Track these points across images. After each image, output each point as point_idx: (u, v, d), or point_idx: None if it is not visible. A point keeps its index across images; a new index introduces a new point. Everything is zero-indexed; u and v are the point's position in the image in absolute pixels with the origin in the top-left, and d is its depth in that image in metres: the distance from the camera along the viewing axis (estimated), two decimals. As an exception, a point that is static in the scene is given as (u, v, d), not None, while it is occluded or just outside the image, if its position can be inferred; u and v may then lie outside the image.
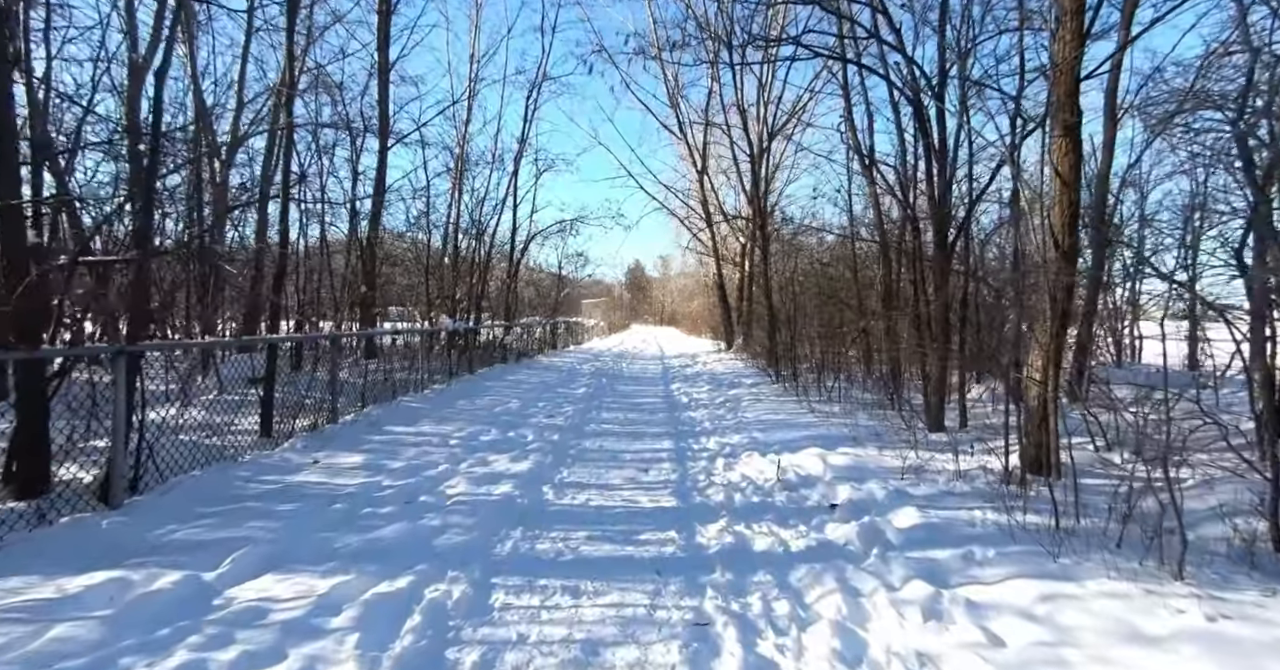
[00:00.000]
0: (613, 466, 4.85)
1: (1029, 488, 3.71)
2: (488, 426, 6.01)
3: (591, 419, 7.01)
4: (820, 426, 6.05)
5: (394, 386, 6.70)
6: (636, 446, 5.63)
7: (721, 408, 7.80)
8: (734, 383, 10.16)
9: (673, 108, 17.71)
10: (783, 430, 5.97)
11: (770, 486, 4.21)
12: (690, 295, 43.81)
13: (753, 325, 16.28)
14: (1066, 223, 4.04)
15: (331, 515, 3.18)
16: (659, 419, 7.14)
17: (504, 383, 9.39)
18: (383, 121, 10.49)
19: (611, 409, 7.82)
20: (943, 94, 5.49)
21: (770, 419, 6.62)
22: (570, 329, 21.18)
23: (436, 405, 6.95)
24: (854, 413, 6.72)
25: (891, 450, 4.91)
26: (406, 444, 5.00)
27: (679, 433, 6.32)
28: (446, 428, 5.76)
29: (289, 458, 4.22)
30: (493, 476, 4.24)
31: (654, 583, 2.68)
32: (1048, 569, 2.45)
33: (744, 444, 5.52)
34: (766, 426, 6.25)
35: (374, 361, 9.12)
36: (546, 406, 7.61)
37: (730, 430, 6.29)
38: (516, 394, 8.47)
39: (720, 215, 17.99)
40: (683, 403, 8.54)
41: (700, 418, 7.23)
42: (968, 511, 3.28)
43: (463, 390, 8.25)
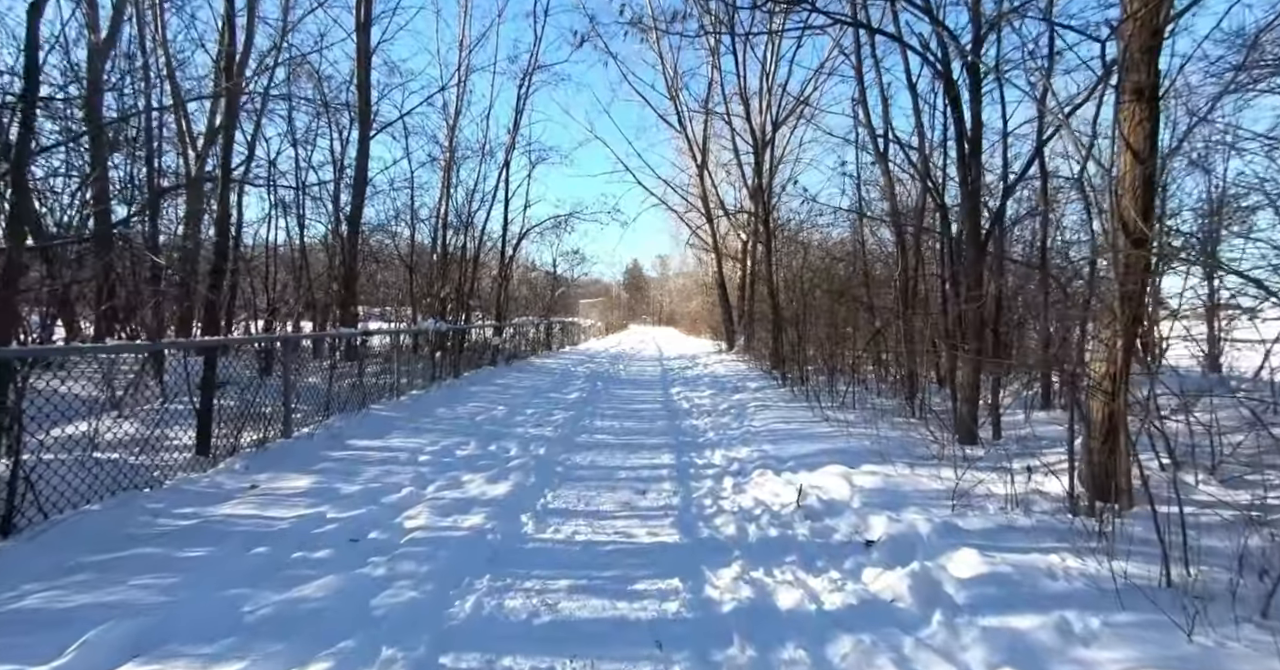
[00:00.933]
0: (605, 487, 4.21)
1: (1103, 520, 3.08)
2: (467, 438, 5.37)
3: (584, 428, 6.38)
4: (838, 438, 5.43)
5: (364, 393, 6.06)
6: (633, 461, 5.00)
7: (726, 415, 7.17)
8: (737, 386, 9.54)
9: (671, 99, 17.10)
10: (796, 442, 5.34)
11: (789, 515, 3.58)
12: (689, 295, 43.25)
13: (754, 325, 15.67)
14: (1140, 204, 3.41)
15: (249, 563, 2.54)
16: (658, 428, 6.51)
17: (491, 387, 8.75)
18: (363, 108, 9.84)
19: (606, 416, 7.19)
20: (977, 64, 4.86)
21: (781, 429, 5.99)
22: (565, 329, 20.54)
23: (412, 414, 6.31)
24: (873, 421, 6.10)
25: (925, 468, 4.29)
26: (369, 461, 4.36)
27: (680, 445, 5.69)
28: (419, 440, 5.12)
29: (221, 482, 3.58)
30: (463, 503, 3.60)
31: (653, 662, 2.05)
32: (1184, 653, 1.83)
33: (754, 459, 4.89)
34: (777, 437, 5.62)
35: (353, 364, 8.48)
36: (535, 414, 6.97)
37: (737, 442, 5.66)
38: (503, 400, 7.83)
39: (721, 211, 17.37)
40: (683, 409, 7.91)
41: (703, 427, 6.60)
42: (1042, 555, 2.65)
43: (444, 396, 7.61)
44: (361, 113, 9.66)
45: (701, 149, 17.45)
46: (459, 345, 11.10)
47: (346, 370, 7.31)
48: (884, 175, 8.18)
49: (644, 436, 6.05)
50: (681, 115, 17.24)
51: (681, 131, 17.29)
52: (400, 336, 7.57)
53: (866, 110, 7.80)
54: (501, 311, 13.51)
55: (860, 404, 7.32)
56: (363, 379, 6.07)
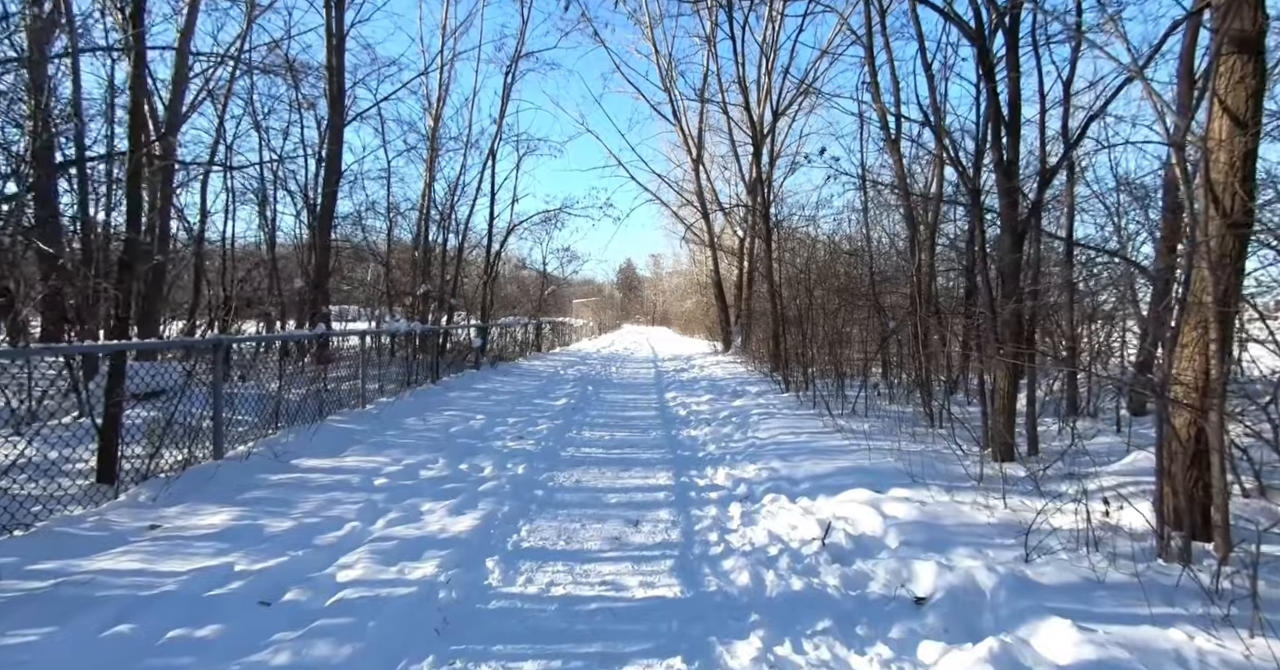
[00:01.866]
0: (591, 517, 3.57)
1: (1217, 575, 2.46)
2: (435, 454, 4.72)
3: (570, 441, 5.73)
4: (855, 452, 4.82)
5: (322, 402, 5.39)
6: (625, 482, 4.36)
7: (727, 424, 6.55)
8: (737, 391, 8.92)
9: (666, 90, 16.48)
10: (809, 458, 4.72)
11: (813, 556, 2.95)
12: (683, 294, 42.66)
13: (753, 325, 15.08)
14: (1237, 175, 2.81)
15: (98, 652, 1.88)
16: (653, 440, 5.87)
17: (471, 393, 8.09)
18: (335, 93, 9.14)
19: (596, 426, 6.55)
20: (1016, 27, 4.25)
21: (790, 442, 5.37)
22: (556, 329, 19.87)
23: (378, 425, 5.64)
24: (891, 431, 5.50)
25: (965, 492, 3.67)
26: (313, 487, 3.70)
27: (678, 460, 5.05)
28: (379, 458, 4.46)
29: (113, 521, 2.90)
30: (416, 544, 2.94)
31: None
32: None
33: (764, 480, 4.26)
34: (787, 451, 5.00)
35: (325, 368, 7.80)
36: (517, 424, 6.32)
37: (742, 457, 5.04)
38: (483, 407, 7.17)
39: (716, 206, 16.76)
40: (680, 416, 7.28)
41: (703, 438, 5.97)
42: (1158, 628, 2.03)
43: (417, 404, 6.94)
44: (333, 97, 8.95)
45: (697, 143, 16.84)
46: (440, 347, 10.43)
47: (313, 375, 6.65)
48: (896, 163, 7.59)
49: (637, 450, 5.41)
50: (676, 107, 16.64)
51: (676, 124, 16.68)
52: (366, 339, 6.90)
53: (877, 91, 7.19)
54: (487, 311, 12.83)
55: (872, 411, 6.72)
56: (322, 385, 5.40)
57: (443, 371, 9.02)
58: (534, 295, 18.47)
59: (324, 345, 5.97)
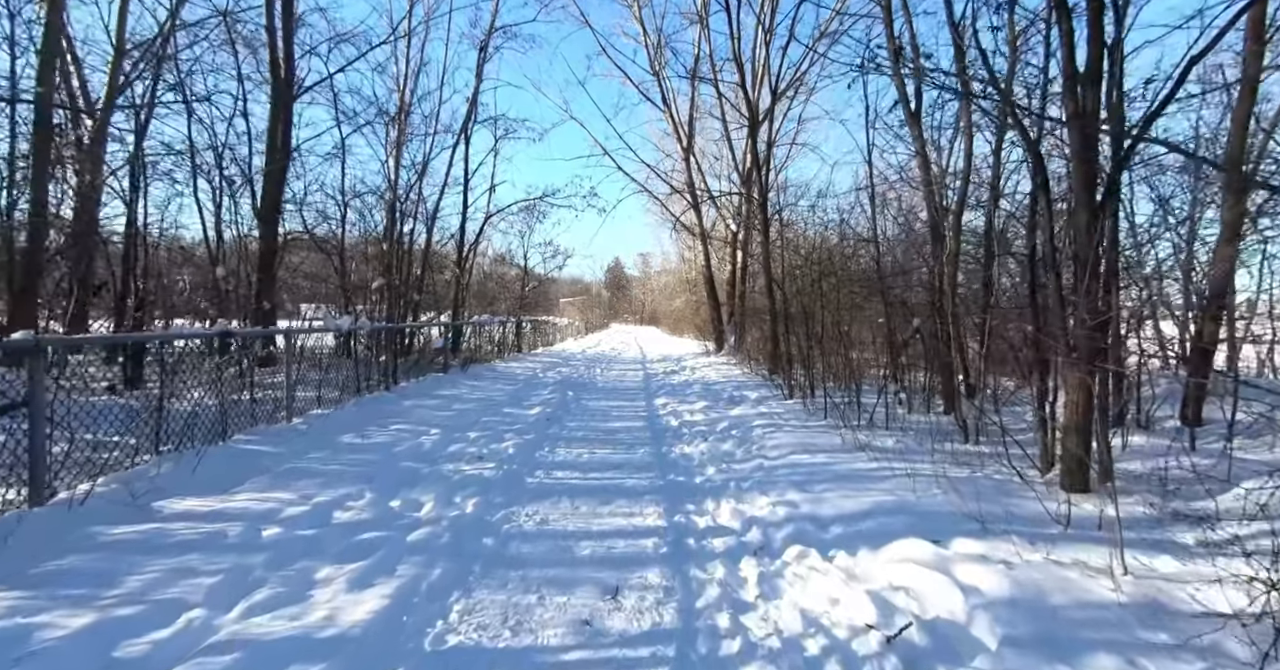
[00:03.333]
0: (554, 584, 2.60)
1: None
2: (362, 486, 3.71)
3: (540, 461, 4.74)
4: (889, 479, 3.89)
5: (225, 416, 4.33)
6: (603, 522, 3.39)
7: (728, 438, 5.59)
8: (734, 397, 7.98)
9: (655, 74, 15.51)
10: (835, 487, 3.78)
11: (872, 660, 2.00)
12: (672, 293, 41.76)
13: (747, 324, 14.17)
14: None
15: None
16: (640, 460, 4.89)
17: (431, 401, 7.05)
18: (276, 59, 8.03)
19: (573, 441, 5.56)
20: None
21: (806, 464, 4.43)
22: (538, 329, 18.81)
23: (300, 445, 4.61)
24: (923, 448, 4.57)
25: (1059, 545, 2.74)
26: (164, 547, 2.67)
27: (671, 489, 4.08)
28: (282, 495, 3.44)
29: None
30: (278, 652, 1.94)
31: None
32: None
33: (781, 521, 3.30)
34: (804, 477, 4.06)
35: (271, 371, 6.74)
36: (480, 439, 5.32)
37: (750, 485, 4.08)
38: (442, 419, 6.15)
39: (708, 196, 15.83)
40: (671, 428, 6.31)
41: (699, 457, 5.01)
42: None
43: (361, 415, 5.90)
44: (274, 63, 7.86)
45: (688, 131, 15.89)
46: (401, 348, 9.38)
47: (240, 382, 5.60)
48: (917, 140, 6.68)
49: (621, 475, 4.44)
50: (666, 93, 15.69)
51: (666, 110, 15.72)
52: (296, 339, 5.85)
53: (898, 58, 6.26)
54: (459, 308, 11.78)
55: (892, 422, 5.81)
56: (221, 396, 4.35)
57: (402, 376, 7.98)
58: (515, 292, 17.41)
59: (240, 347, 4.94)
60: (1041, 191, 3.77)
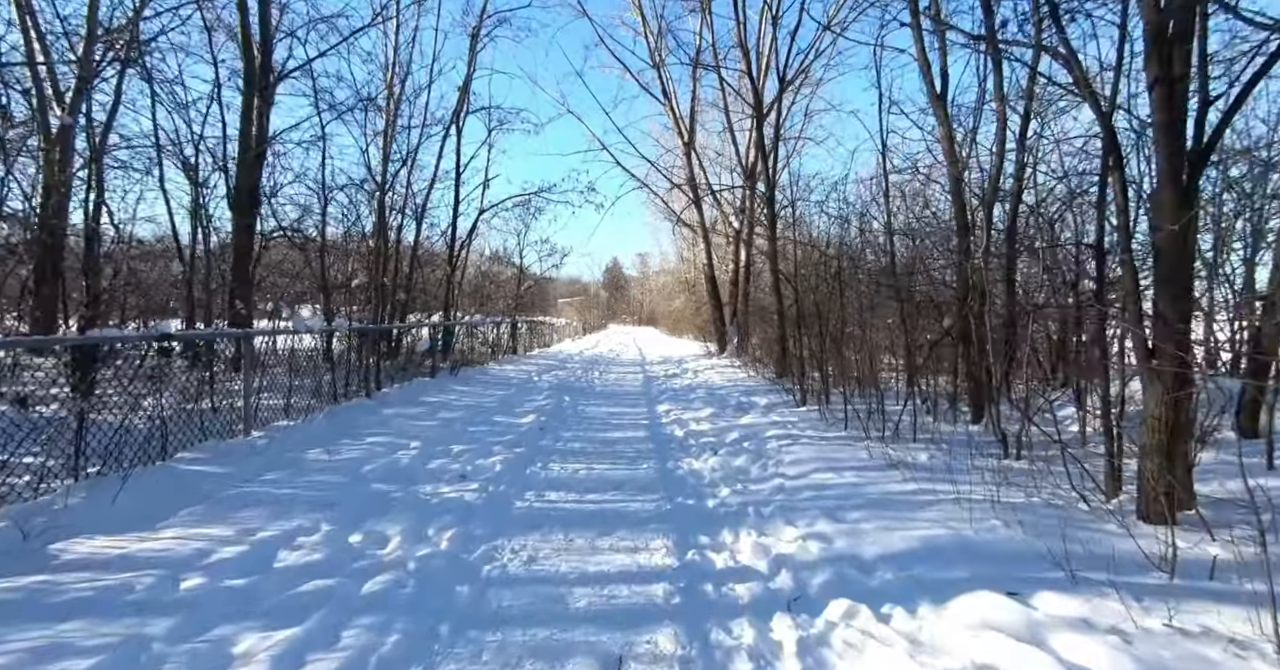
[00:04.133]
0: (542, 654, 2.05)
1: None
2: (319, 516, 3.15)
3: (531, 481, 4.19)
4: (935, 504, 3.35)
5: (165, 431, 3.76)
6: (602, 562, 2.84)
7: (739, 451, 5.04)
8: (743, 404, 7.44)
9: (655, 67, 14.97)
10: (873, 515, 3.24)
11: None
12: (670, 294, 41.22)
13: (750, 324, 13.64)
14: None
15: None
16: (643, 478, 4.34)
17: (415, 410, 6.49)
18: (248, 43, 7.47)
19: (569, 455, 5.01)
20: None
21: (834, 484, 3.89)
22: (534, 329, 18.23)
23: (255, 465, 4.04)
24: (961, 464, 4.03)
25: (1179, 602, 2.19)
26: (42, 607, 2.11)
27: (681, 516, 3.53)
28: (217, 530, 2.88)
29: None
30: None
31: None
32: None
33: (816, 561, 2.76)
34: (835, 502, 3.52)
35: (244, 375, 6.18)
36: (464, 454, 4.76)
37: (772, 511, 3.54)
38: (424, 430, 5.59)
39: (710, 193, 15.29)
40: (676, 438, 5.77)
41: (710, 474, 4.46)
42: None
43: (333, 427, 5.34)
44: (246, 42, 7.30)
45: (689, 124, 15.35)
46: (391, 351, 8.83)
47: (211, 388, 5.04)
48: (942, 124, 6.15)
49: (622, 497, 3.89)
50: (666, 85, 15.14)
51: (666, 103, 15.17)
52: (261, 342, 5.28)
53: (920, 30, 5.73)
54: (450, 308, 11.23)
55: (920, 432, 5.26)
56: (159, 406, 3.78)
57: (386, 381, 7.41)
58: (510, 292, 16.84)
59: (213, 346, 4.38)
60: (1115, 171, 3.22)
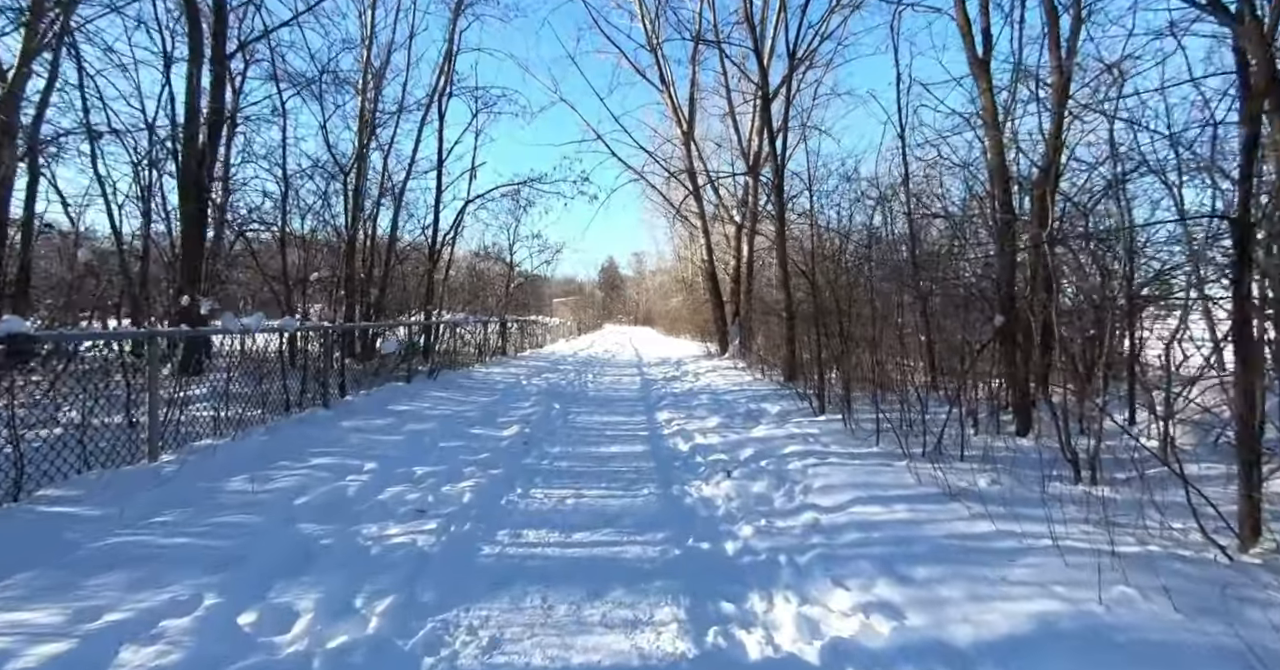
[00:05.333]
0: None
1: None
2: (207, 582, 2.34)
3: (506, 516, 3.39)
4: (1023, 554, 2.57)
5: (19, 465, 2.92)
6: (590, 646, 2.05)
7: (759, 473, 4.25)
8: (753, 411, 6.66)
9: (653, 51, 14.18)
10: (947, 572, 2.45)
11: None
12: (668, 293, 40.45)
13: (754, 324, 12.86)
14: None
15: None
16: (643, 510, 3.54)
17: (381, 421, 5.67)
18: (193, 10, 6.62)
19: (555, 477, 4.21)
20: None
21: (883, 521, 3.10)
22: (525, 329, 17.41)
23: (146, 503, 3.21)
24: (1030, 491, 3.26)
25: None
26: None
27: (694, 568, 2.74)
28: (44, 613, 2.07)
29: None
30: None
31: None
32: None
33: (891, 655, 1.97)
34: (891, 548, 2.73)
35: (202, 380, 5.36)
36: (427, 479, 3.96)
37: (812, 562, 2.74)
38: (386, 447, 4.78)
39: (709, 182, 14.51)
40: (681, 455, 4.98)
41: (726, 505, 3.66)
42: None
43: (274, 445, 4.52)
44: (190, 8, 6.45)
45: (689, 113, 14.58)
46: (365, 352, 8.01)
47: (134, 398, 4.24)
48: (984, 93, 5.38)
49: (617, 537, 3.09)
50: (664, 71, 14.34)
51: (664, 90, 14.38)
52: (166, 345, 4.45)
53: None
54: (432, 307, 10.40)
55: (965, 447, 4.47)
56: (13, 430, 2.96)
57: (353, 387, 6.59)
58: (500, 289, 16.00)
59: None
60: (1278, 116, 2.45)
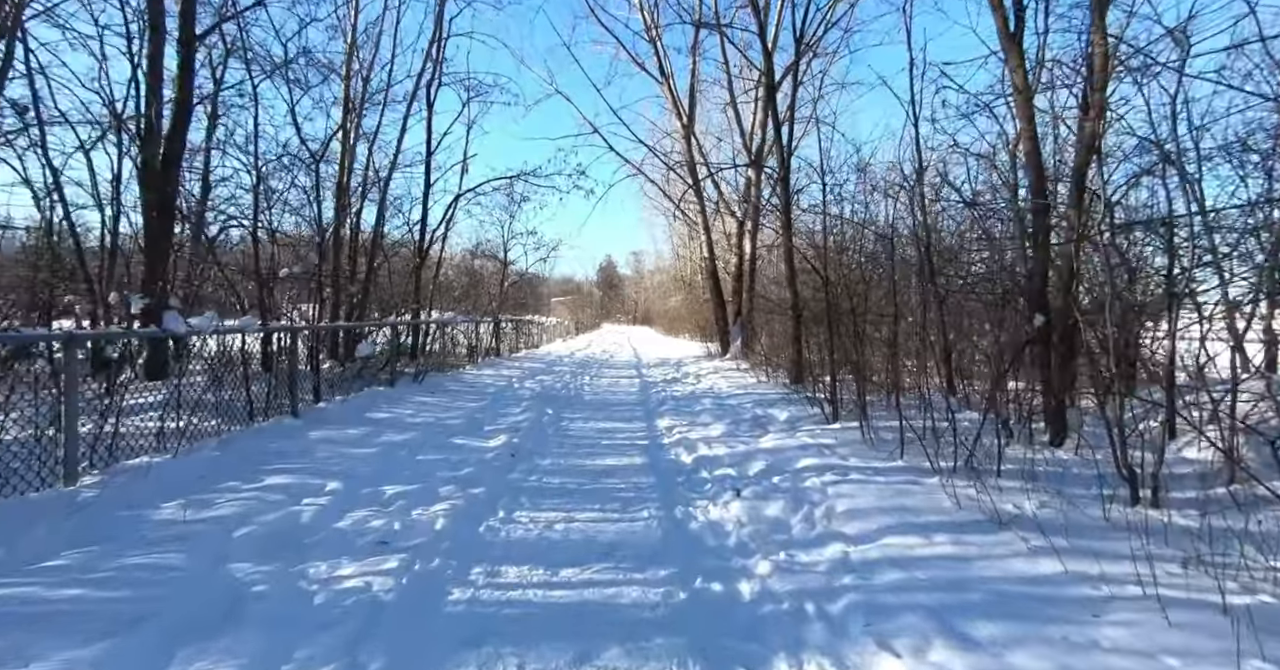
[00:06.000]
0: None
1: None
2: (78, 662, 1.85)
3: (482, 548, 2.90)
4: (1113, 608, 2.10)
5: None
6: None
7: (772, 493, 3.76)
8: (760, 418, 6.18)
9: (652, 42, 13.70)
10: (1021, 632, 1.98)
11: None
12: (666, 292, 39.99)
13: (755, 323, 12.39)
14: None
15: None
16: (642, 537, 3.06)
17: (357, 429, 5.17)
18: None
19: (542, 498, 3.73)
20: None
21: (925, 557, 2.63)
22: (521, 329, 16.90)
23: (43, 540, 2.71)
24: (1087, 516, 2.79)
25: None
26: None
27: (702, 618, 2.26)
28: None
29: None
30: None
31: None
32: None
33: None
34: (940, 593, 2.26)
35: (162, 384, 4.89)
36: (397, 501, 3.47)
37: (846, 612, 2.26)
38: (356, 461, 4.29)
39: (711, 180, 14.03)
40: (685, 469, 4.50)
41: (738, 530, 3.18)
42: None
43: (225, 461, 4.02)
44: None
45: (689, 106, 14.09)
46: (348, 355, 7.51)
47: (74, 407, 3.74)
48: (1015, 70, 4.92)
49: (613, 575, 2.61)
50: (663, 63, 13.86)
51: (664, 82, 13.89)
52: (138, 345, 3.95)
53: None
54: (421, 306, 9.90)
55: (999, 460, 3.99)
56: None
57: (329, 391, 6.09)
58: (493, 289, 15.49)
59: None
60: None
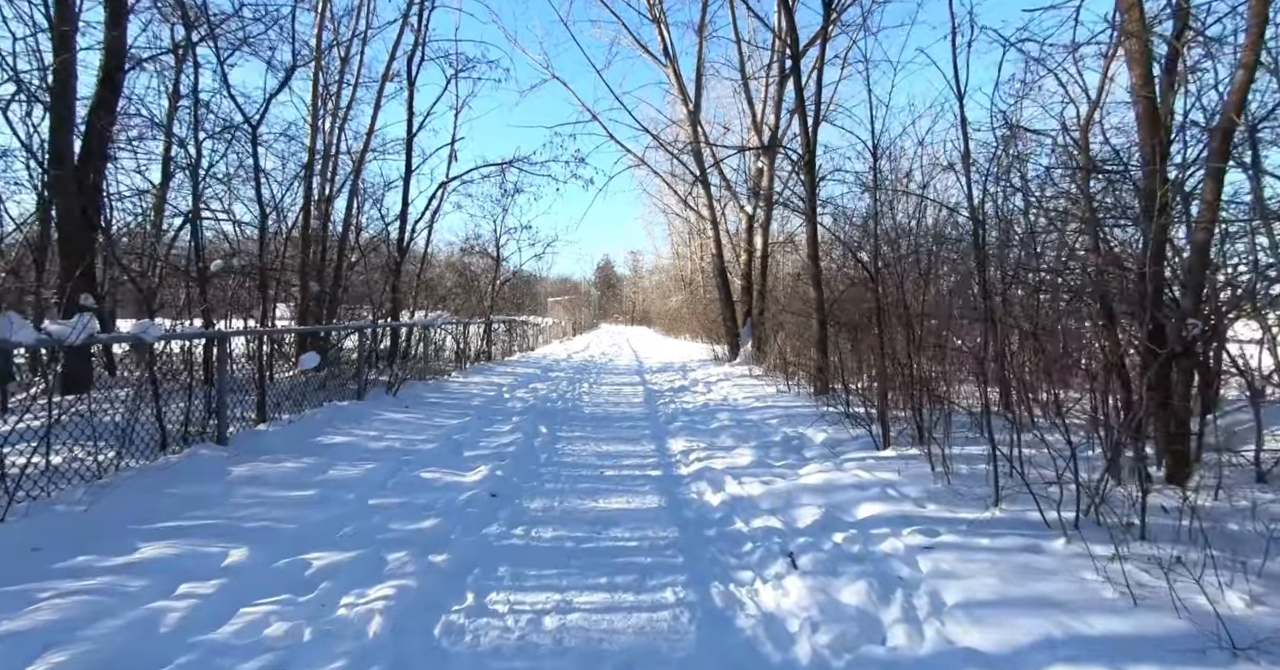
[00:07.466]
0: None
1: None
2: None
3: (445, 666, 1.89)
4: None
5: None
6: None
7: (840, 562, 2.76)
8: (791, 439, 5.19)
9: (655, 22, 12.70)
10: None
11: None
12: (666, 292, 38.99)
13: (766, 325, 11.40)
14: None
15: None
16: (667, 640, 2.05)
17: (297, 463, 4.14)
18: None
19: (526, 568, 2.72)
20: None
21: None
22: (514, 330, 15.89)
23: None
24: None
25: None
26: None
27: None
28: None
29: None
30: None
31: None
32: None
33: None
34: None
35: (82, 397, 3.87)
36: (323, 585, 2.46)
37: None
38: (281, 515, 3.28)
39: (718, 171, 13.03)
40: (713, 519, 3.50)
41: (807, 632, 2.18)
42: None
43: (87, 525, 3.01)
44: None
45: (695, 91, 13.11)
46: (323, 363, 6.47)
47: None
48: (1129, 39, 3.93)
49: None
50: (668, 46, 12.85)
51: (668, 65, 12.88)
52: None
53: None
54: (399, 306, 8.89)
55: (1143, 512, 2.99)
56: None
57: (273, 410, 5.07)
58: (485, 287, 14.48)
59: None
60: None
